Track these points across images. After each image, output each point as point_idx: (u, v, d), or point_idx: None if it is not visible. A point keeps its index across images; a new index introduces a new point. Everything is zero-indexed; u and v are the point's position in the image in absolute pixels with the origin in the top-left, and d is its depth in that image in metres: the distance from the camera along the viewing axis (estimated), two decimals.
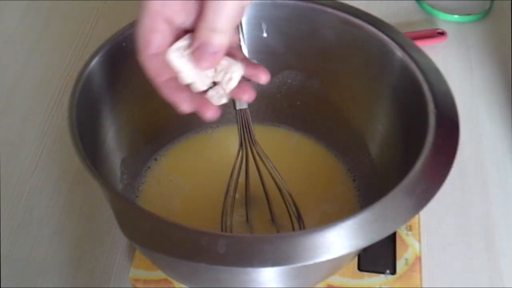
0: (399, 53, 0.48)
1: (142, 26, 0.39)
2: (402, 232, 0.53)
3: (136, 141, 0.55)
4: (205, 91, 0.41)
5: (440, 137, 0.42)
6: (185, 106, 0.40)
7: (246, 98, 0.42)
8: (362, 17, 0.50)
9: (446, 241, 0.55)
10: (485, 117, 0.65)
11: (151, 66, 0.39)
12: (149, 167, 0.57)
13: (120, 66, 0.49)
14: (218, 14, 0.37)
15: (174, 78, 0.40)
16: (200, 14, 0.38)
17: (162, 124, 0.57)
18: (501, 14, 0.76)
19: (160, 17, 0.38)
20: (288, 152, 0.58)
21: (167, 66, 0.40)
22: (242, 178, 0.49)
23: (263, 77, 0.42)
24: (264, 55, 0.55)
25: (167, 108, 0.56)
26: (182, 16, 0.39)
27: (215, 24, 0.37)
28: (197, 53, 0.38)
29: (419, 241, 0.52)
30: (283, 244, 0.35)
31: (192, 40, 0.39)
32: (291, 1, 0.52)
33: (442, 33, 0.73)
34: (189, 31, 0.40)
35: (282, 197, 0.50)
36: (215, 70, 0.40)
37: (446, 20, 0.76)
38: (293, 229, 0.50)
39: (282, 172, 0.49)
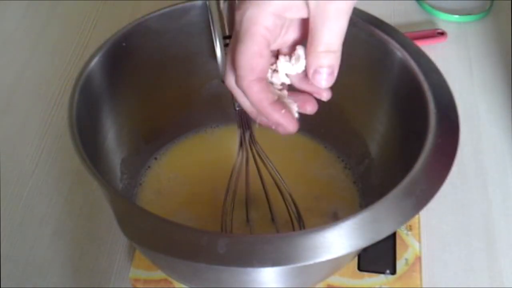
0: (399, 53, 0.48)
1: (247, 52, 0.37)
2: (402, 232, 0.53)
3: (136, 141, 0.55)
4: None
5: (440, 137, 0.42)
6: (291, 127, 0.40)
7: (310, 109, 0.42)
8: (362, 17, 0.50)
9: (446, 241, 0.55)
10: (485, 117, 0.65)
11: (255, 90, 0.38)
12: (149, 167, 0.57)
13: (120, 66, 0.49)
14: (332, 34, 0.37)
15: (277, 100, 0.40)
16: (306, 35, 0.38)
17: (162, 124, 0.57)
18: (501, 14, 0.76)
19: (266, 43, 0.38)
20: (288, 152, 0.58)
21: (269, 89, 0.40)
22: (242, 178, 0.49)
23: (324, 94, 0.42)
24: None
25: (167, 108, 0.57)
26: (283, 42, 0.40)
27: (330, 45, 0.37)
28: (317, 78, 0.38)
29: (419, 241, 0.52)
30: (283, 244, 0.35)
31: (307, 65, 0.39)
32: None
33: (442, 33, 0.73)
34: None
35: (282, 197, 0.50)
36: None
37: (446, 20, 0.76)
38: (293, 229, 0.50)
39: (282, 172, 0.49)
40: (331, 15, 0.37)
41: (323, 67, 0.38)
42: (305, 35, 0.39)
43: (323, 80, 0.39)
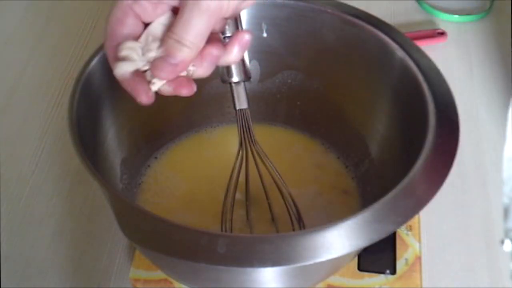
0: (399, 53, 0.48)
1: (111, 17, 0.39)
2: (402, 232, 0.53)
3: (136, 141, 0.55)
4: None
5: (440, 137, 0.42)
6: (143, 98, 0.40)
7: (185, 92, 0.40)
8: (362, 17, 0.50)
9: (446, 241, 0.55)
10: (485, 117, 0.65)
11: (112, 56, 0.39)
12: (149, 165, 0.57)
13: None
14: (189, 27, 0.36)
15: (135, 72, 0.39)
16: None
17: (162, 124, 0.57)
18: (501, 14, 0.76)
19: (130, 12, 0.39)
20: (288, 152, 0.58)
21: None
22: (242, 178, 0.49)
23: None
24: (264, 55, 0.55)
25: (167, 108, 0.56)
26: (152, 16, 0.39)
27: (184, 37, 0.37)
28: (158, 62, 0.38)
29: (419, 241, 0.52)
30: (283, 244, 0.35)
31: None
32: (291, 1, 0.52)
33: (442, 33, 0.73)
34: None
35: (282, 197, 0.50)
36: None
37: (446, 20, 0.76)
38: (293, 229, 0.50)
39: (282, 172, 0.49)
40: (197, 10, 0.36)
41: (171, 56, 0.37)
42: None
43: (163, 71, 0.38)
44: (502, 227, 0.42)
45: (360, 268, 0.50)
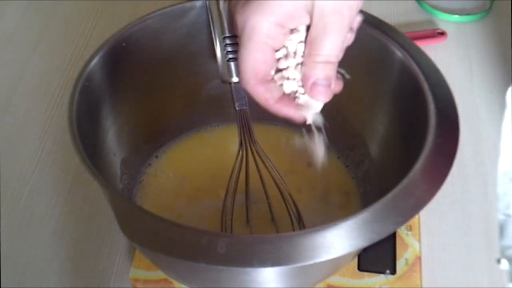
0: (399, 53, 0.48)
1: (251, 58, 0.39)
2: (402, 232, 0.53)
3: (136, 141, 0.55)
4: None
5: (440, 137, 0.42)
6: (299, 119, 0.41)
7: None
8: (362, 17, 0.50)
9: (446, 241, 0.55)
10: (485, 117, 0.65)
11: (260, 92, 0.40)
12: (149, 164, 0.57)
13: (120, 66, 0.49)
14: (333, 46, 0.37)
15: (283, 96, 0.41)
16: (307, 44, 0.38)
17: (162, 124, 0.57)
18: (501, 14, 0.76)
19: (269, 49, 0.38)
20: (288, 152, 0.58)
21: (274, 87, 0.40)
22: (242, 178, 0.49)
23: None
24: None
25: (167, 108, 0.57)
26: (283, 42, 0.39)
27: (330, 57, 0.38)
28: (308, 86, 0.39)
29: (419, 241, 0.52)
30: (283, 244, 0.35)
31: (304, 75, 0.39)
32: None
33: (442, 33, 0.73)
34: None
35: (282, 197, 0.50)
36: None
37: (446, 20, 0.76)
38: (293, 229, 0.50)
39: (281, 171, 0.49)
40: (334, 27, 0.37)
41: (321, 78, 0.38)
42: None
43: (321, 93, 0.39)
44: (498, 246, 0.42)
45: (360, 268, 0.50)
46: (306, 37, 0.39)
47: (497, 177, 0.59)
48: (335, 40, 0.37)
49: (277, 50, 0.40)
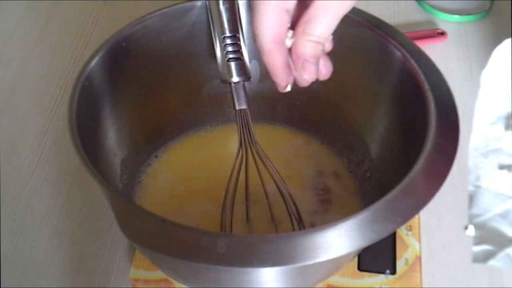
0: (399, 53, 0.48)
1: (269, 22, 0.39)
2: (402, 232, 0.53)
3: (136, 141, 0.55)
4: None
5: (440, 137, 0.42)
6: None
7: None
8: (362, 17, 0.50)
9: (446, 241, 0.55)
10: None
11: (277, 56, 0.40)
12: (149, 164, 0.57)
13: (120, 66, 0.49)
14: (328, 27, 0.38)
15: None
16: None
17: (162, 123, 0.57)
18: (501, 14, 0.76)
19: (286, 12, 0.39)
20: (288, 152, 0.58)
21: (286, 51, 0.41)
22: (242, 178, 0.49)
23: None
24: None
25: (167, 108, 0.57)
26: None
27: (321, 38, 0.38)
28: (300, 64, 0.40)
29: (419, 241, 0.52)
30: (283, 244, 0.35)
31: (294, 48, 0.40)
32: None
33: (442, 33, 0.73)
34: None
35: (282, 196, 0.50)
36: None
37: (446, 20, 0.76)
38: (293, 229, 0.50)
39: (281, 171, 0.49)
40: (335, 12, 0.38)
41: (311, 56, 0.39)
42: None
43: (311, 72, 0.40)
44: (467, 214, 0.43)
45: (360, 268, 0.50)
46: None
47: (468, 151, 0.59)
48: (331, 23, 0.38)
49: None
